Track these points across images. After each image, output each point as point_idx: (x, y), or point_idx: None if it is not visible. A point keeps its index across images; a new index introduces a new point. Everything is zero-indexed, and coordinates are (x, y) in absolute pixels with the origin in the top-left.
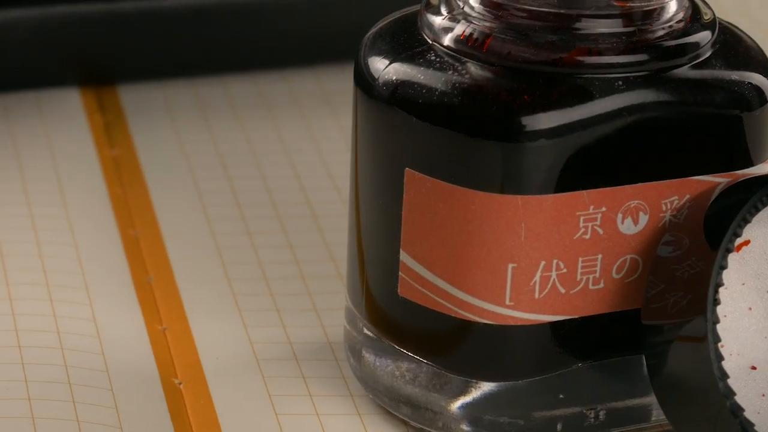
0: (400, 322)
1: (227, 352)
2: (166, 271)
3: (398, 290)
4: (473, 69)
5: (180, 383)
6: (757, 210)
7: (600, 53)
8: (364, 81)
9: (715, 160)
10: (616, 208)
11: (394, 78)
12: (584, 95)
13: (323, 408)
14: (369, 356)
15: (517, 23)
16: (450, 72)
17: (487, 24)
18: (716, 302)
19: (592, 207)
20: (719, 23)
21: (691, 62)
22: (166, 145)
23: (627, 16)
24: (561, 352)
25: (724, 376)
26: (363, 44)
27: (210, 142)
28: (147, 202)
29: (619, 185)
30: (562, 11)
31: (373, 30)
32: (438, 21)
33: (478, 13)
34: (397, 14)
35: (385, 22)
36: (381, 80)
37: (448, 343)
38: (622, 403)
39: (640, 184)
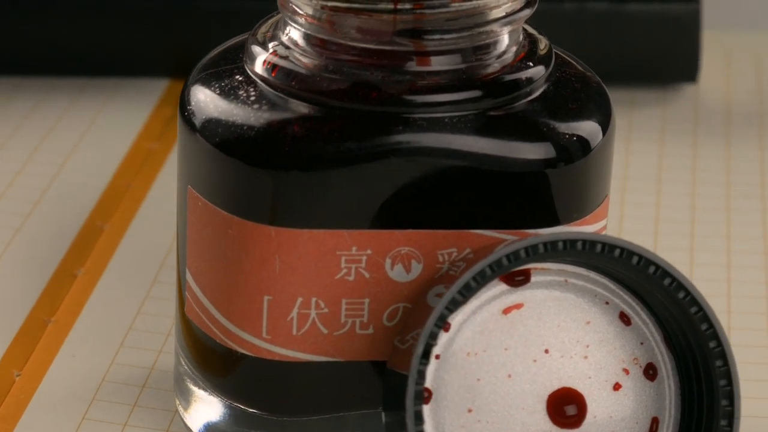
0: (190, 344)
1: (87, 352)
2: (100, 266)
3: (185, 310)
4: (260, 94)
5: (18, 375)
6: (482, 279)
7: (380, 90)
8: (182, 95)
9: (506, 215)
10: (383, 253)
11: (190, 94)
12: (354, 132)
13: (136, 420)
14: (177, 372)
15: (316, 53)
16: (240, 93)
17: (291, 52)
18: (422, 366)
19: (354, 248)
20: (564, 61)
21: (495, 107)
22: None
23: (420, 54)
24: (340, 395)
25: None
26: (205, 58)
27: None
28: (142, 197)
29: (387, 229)
30: (350, 44)
31: (221, 47)
32: (253, 46)
33: (289, 39)
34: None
35: (233, 41)
36: (184, 94)
37: (222, 369)
38: None
39: (412, 231)
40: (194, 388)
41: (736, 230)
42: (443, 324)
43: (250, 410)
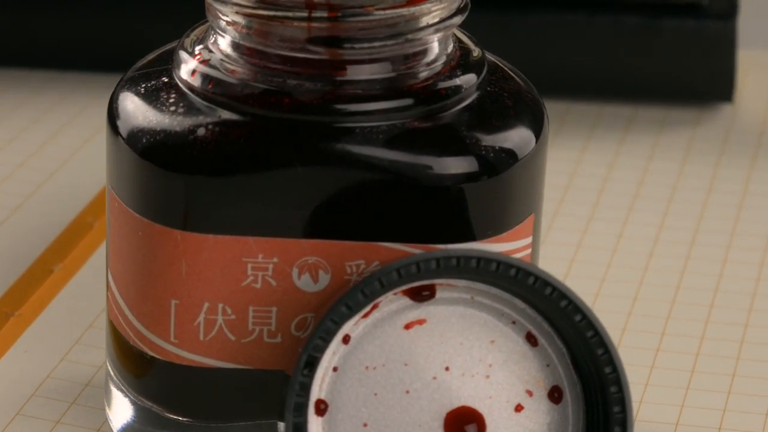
0: (113, 345)
1: (41, 348)
2: (79, 263)
3: (107, 310)
4: (179, 98)
5: None
6: (371, 293)
7: (292, 97)
8: (113, 92)
9: (418, 229)
10: (290, 262)
11: (115, 96)
12: (263, 139)
13: (70, 418)
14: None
15: (237, 59)
16: (162, 95)
17: (214, 57)
18: (303, 377)
19: (261, 255)
20: (504, 75)
21: (416, 117)
22: None
23: (336, 63)
24: (250, 403)
25: None
26: (145, 57)
27: None
28: None
29: (295, 238)
30: (267, 50)
31: (162, 48)
32: (180, 49)
33: (213, 44)
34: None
35: (174, 43)
36: (114, 91)
37: (136, 371)
38: None
39: (318, 241)
40: (113, 389)
41: (734, 254)
42: (329, 337)
43: (165, 413)
